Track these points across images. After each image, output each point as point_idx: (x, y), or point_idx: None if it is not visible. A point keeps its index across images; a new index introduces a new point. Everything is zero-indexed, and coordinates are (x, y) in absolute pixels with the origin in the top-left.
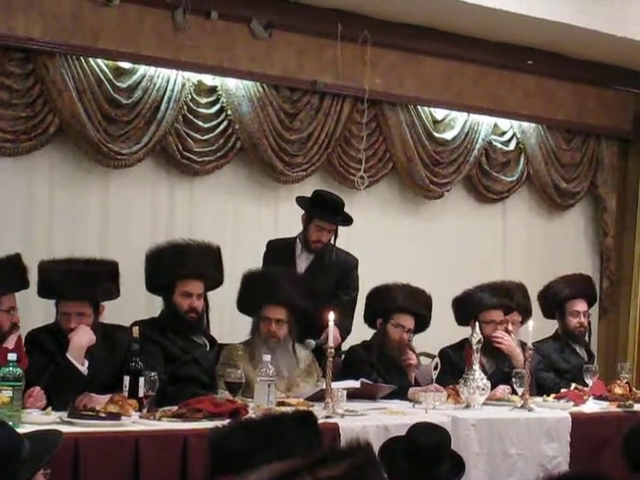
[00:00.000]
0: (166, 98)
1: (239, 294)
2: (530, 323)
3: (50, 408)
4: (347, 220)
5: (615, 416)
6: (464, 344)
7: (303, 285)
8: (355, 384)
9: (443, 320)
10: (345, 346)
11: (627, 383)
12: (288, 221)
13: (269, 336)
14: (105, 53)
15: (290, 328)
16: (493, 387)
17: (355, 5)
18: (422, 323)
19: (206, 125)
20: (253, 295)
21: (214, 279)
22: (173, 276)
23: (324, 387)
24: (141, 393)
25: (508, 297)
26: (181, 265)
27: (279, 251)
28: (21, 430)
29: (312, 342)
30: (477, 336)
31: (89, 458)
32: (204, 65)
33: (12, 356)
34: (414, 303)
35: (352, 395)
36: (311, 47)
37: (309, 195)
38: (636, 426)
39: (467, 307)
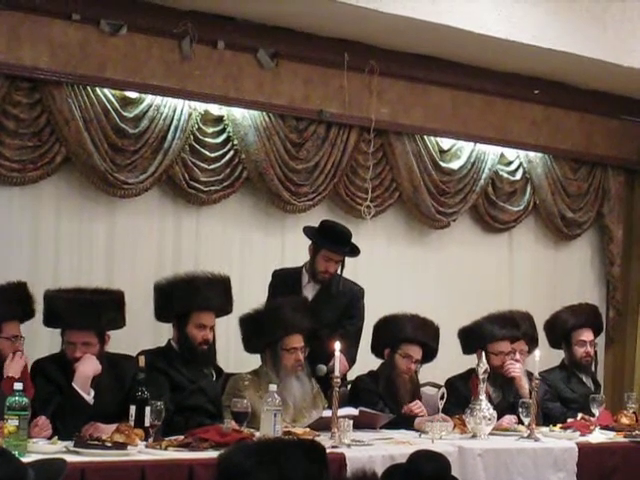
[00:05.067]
0: (173, 128)
1: (247, 335)
2: (537, 353)
3: (56, 437)
4: (355, 251)
5: (622, 446)
6: (470, 374)
7: (307, 307)
8: (354, 412)
9: (449, 350)
10: (351, 375)
11: (634, 413)
12: (294, 251)
13: (297, 366)
14: (112, 83)
15: (305, 354)
16: (499, 417)
17: (362, 35)
18: (430, 354)
19: (212, 155)
20: (267, 330)
21: (226, 310)
22: (189, 307)
23: (323, 415)
24: (147, 422)
25: (516, 328)
26: (198, 297)
27: (285, 281)
28: (27, 459)
29: (324, 367)
30: (483, 366)
31: None
32: (211, 95)
33: (18, 385)
34: (422, 334)
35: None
36: (317, 77)
37: (316, 225)
38: None
39: (475, 338)
